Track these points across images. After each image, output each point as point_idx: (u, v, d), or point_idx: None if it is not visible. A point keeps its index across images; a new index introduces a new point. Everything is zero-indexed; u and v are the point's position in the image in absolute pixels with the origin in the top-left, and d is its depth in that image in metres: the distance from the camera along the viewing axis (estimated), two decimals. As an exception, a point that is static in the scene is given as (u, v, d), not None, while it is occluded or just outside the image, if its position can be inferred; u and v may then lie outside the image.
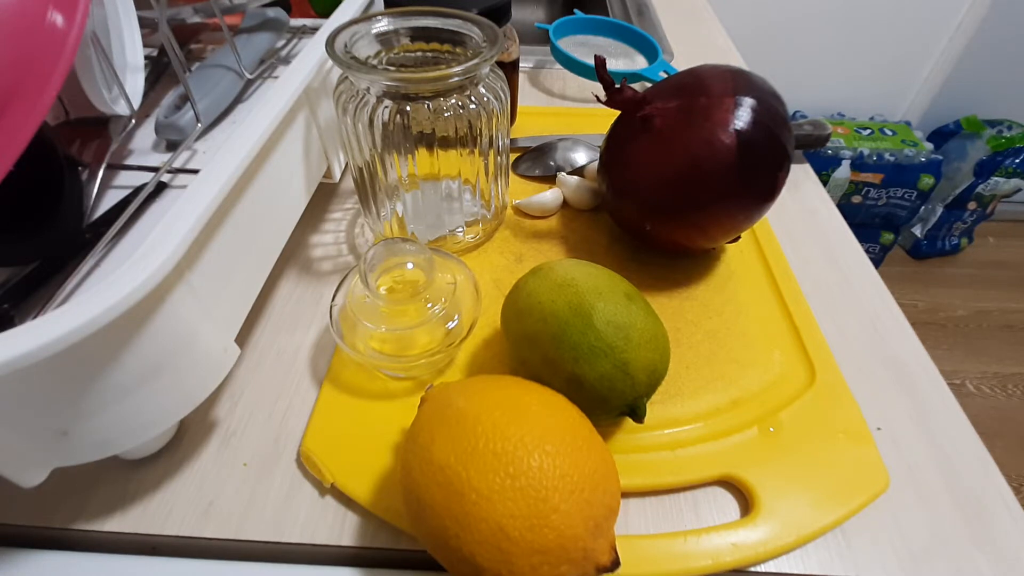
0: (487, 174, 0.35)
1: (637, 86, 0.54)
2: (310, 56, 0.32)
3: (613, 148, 0.34)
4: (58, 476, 0.23)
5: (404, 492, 0.21)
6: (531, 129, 0.49)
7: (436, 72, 0.28)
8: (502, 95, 0.33)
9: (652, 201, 0.33)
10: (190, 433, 0.28)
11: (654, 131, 0.32)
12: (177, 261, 0.20)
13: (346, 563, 0.25)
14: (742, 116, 0.30)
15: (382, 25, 0.33)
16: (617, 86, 0.32)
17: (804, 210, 0.43)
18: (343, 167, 0.38)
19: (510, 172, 0.45)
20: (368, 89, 0.30)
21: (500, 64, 0.43)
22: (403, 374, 0.30)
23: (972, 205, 1.48)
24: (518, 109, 0.51)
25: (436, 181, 0.34)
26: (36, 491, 0.23)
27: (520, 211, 0.41)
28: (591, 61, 0.53)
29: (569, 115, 0.52)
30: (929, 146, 1.37)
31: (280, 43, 0.51)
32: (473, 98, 0.31)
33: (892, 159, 1.33)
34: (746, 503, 0.26)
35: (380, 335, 0.29)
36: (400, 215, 0.36)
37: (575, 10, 0.63)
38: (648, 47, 0.58)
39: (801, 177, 0.46)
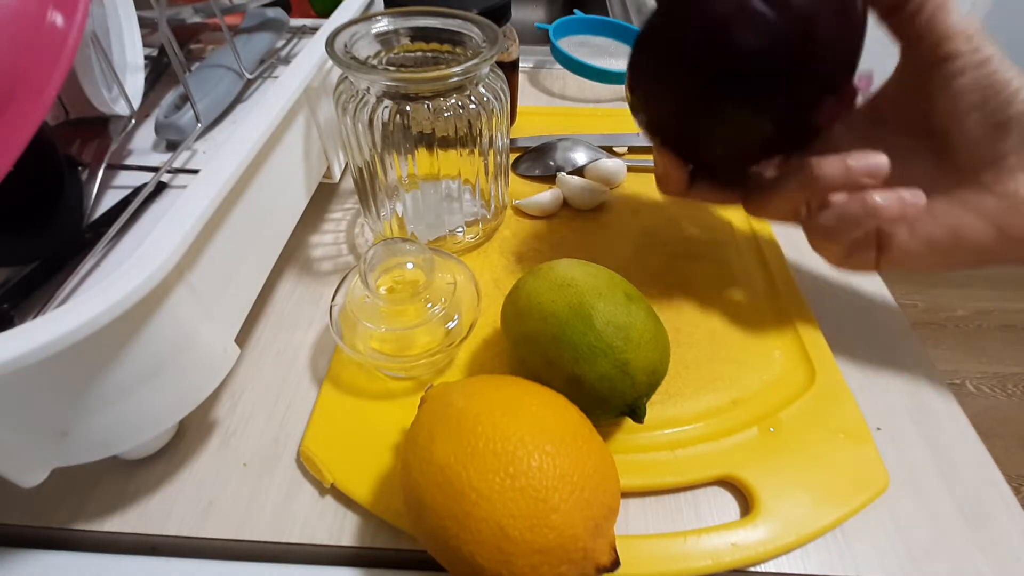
0: (487, 174, 0.35)
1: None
2: (310, 56, 0.32)
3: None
4: (58, 476, 0.23)
5: (404, 492, 0.21)
6: (531, 129, 0.49)
7: (436, 72, 0.28)
8: (502, 95, 0.33)
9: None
10: (190, 433, 0.28)
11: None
12: (177, 261, 0.20)
13: (346, 563, 0.25)
14: None
15: (382, 25, 0.33)
16: None
17: (804, 210, 0.43)
18: (343, 167, 0.38)
19: (510, 172, 0.45)
20: (368, 89, 0.30)
21: (500, 64, 0.43)
22: (403, 374, 0.30)
23: (972, 205, 1.48)
24: (518, 109, 0.51)
25: (436, 181, 0.34)
26: (36, 491, 0.23)
27: (520, 211, 0.41)
28: (591, 61, 0.53)
29: (569, 115, 0.52)
30: (929, 146, 1.36)
31: (280, 43, 0.51)
32: (473, 98, 0.31)
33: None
34: (746, 503, 0.26)
35: (380, 335, 0.29)
36: (400, 215, 0.36)
37: (575, 10, 0.63)
38: (648, 47, 0.58)
39: (801, 177, 0.46)
